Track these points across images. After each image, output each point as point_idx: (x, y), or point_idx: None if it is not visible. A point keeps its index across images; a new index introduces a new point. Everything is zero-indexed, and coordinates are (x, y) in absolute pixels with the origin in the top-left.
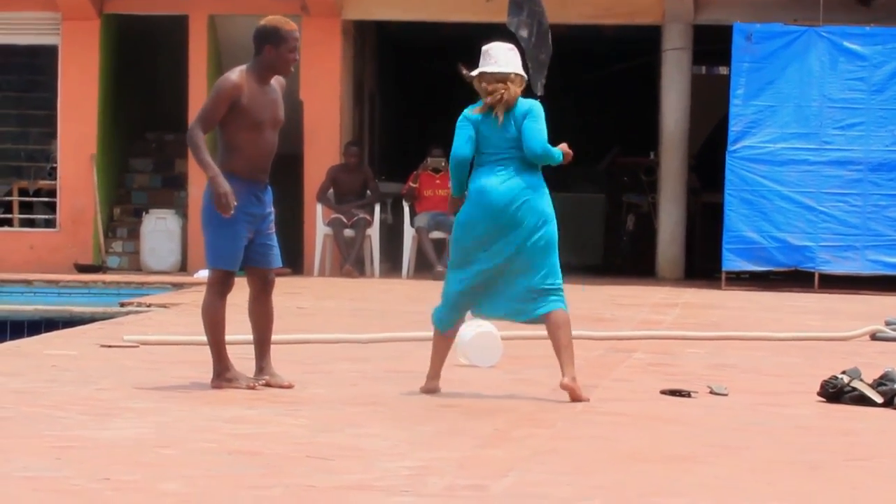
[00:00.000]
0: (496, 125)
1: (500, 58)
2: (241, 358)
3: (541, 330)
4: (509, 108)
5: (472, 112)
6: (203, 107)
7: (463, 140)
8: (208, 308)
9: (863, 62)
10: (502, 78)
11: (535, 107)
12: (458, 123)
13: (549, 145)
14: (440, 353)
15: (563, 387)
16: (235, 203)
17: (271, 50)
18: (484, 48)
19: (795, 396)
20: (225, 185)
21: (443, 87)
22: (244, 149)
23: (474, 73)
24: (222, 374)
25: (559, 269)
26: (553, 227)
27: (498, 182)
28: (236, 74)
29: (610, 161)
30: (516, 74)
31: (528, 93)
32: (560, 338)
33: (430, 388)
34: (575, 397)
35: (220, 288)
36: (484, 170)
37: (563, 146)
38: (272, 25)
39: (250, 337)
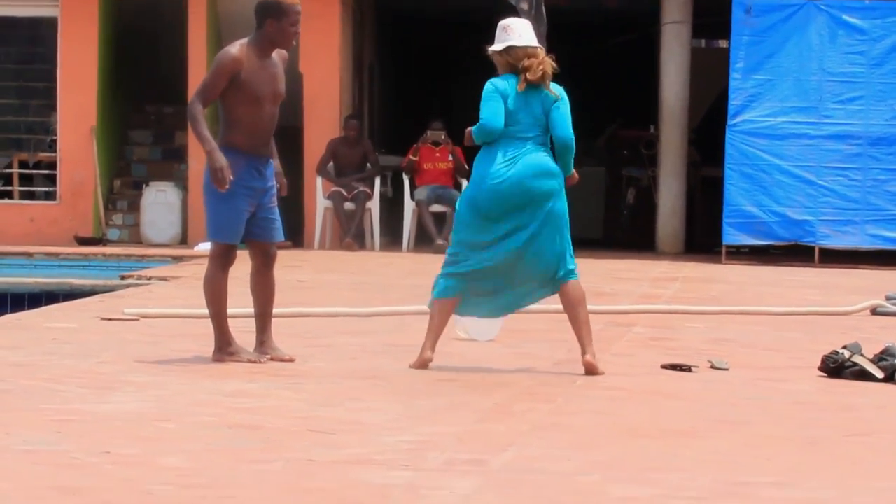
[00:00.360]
0: (526, 104)
1: (524, 33)
2: (242, 331)
3: (541, 304)
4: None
5: (504, 84)
6: (203, 81)
7: (496, 111)
8: (210, 281)
9: (862, 36)
10: (533, 53)
11: (565, 94)
12: (488, 93)
13: (573, 137)
14: (440, 323)
15: (586, 364)
16: (231, 178)
17: (273, 23)
18: (502, 23)
19: (795, 371)
20: (221, 160)
21: (443, 60)
22: (244, 122)
23: (498, 47)
24: (223, 347)
25: (572, 251)
26: (566, 211)
27: (517, 162)
28: (236, 48)
29: (610, 135)
30: (541, 49)
31: None
32: (578, 314)
33: (425, 360)
34: (593, 372)
35: (221, 261)
36: (503, 146)
37: (575, 176)
38: None
39: (251, 310)
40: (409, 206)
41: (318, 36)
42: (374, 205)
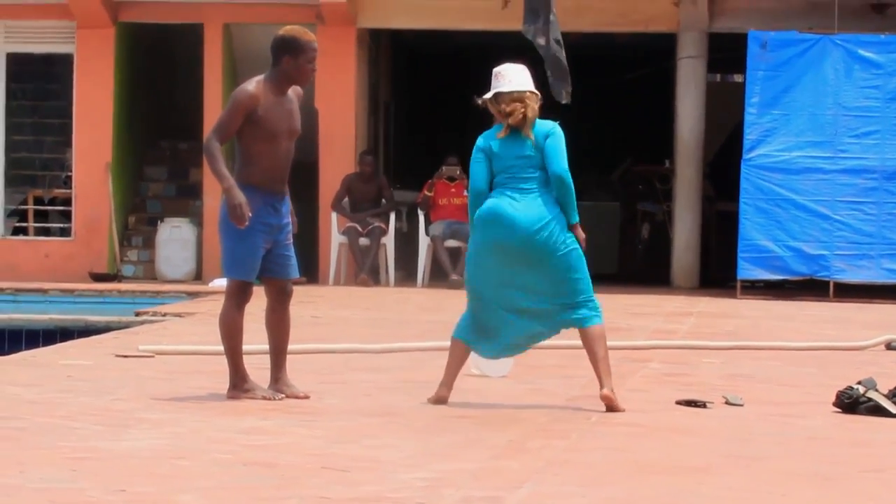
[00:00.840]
0: (514, 146)
1: (514, 78)
2: (256, 368)
3: (554, 339)
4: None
5: (485, 139)
6: (220, 118)
7: (479, 174)
8: (225, 318)
9: (878, 70)
10: (518, 97)
11: (557, 129)
12: (472, 157)
13: (569, 171)
14: (458, 361)
15: (603, 398)
16: (250, 214)
17: (290, 60)
18: (495, 70)
19: (810, 407)
20: (239, 197)
21: (457, 96)
22: (261, 159)
23: (488, 95)
24: (239, 384)
25: (590, 283)
26: (575, 242)
27: (517, 207)
28: (253, 85)
29: (625, 169)
30: (531, 92)
31: (551, 101)
32: (597, 350)
33: (441, 397)
34: (612, 408)
35: (237, 298)
36: (501, 193)
37: (581, 234)
38: (291, 36)
39: (266, 347)
40: (423, 242)
41: (333, 72)
42: (388, 240)
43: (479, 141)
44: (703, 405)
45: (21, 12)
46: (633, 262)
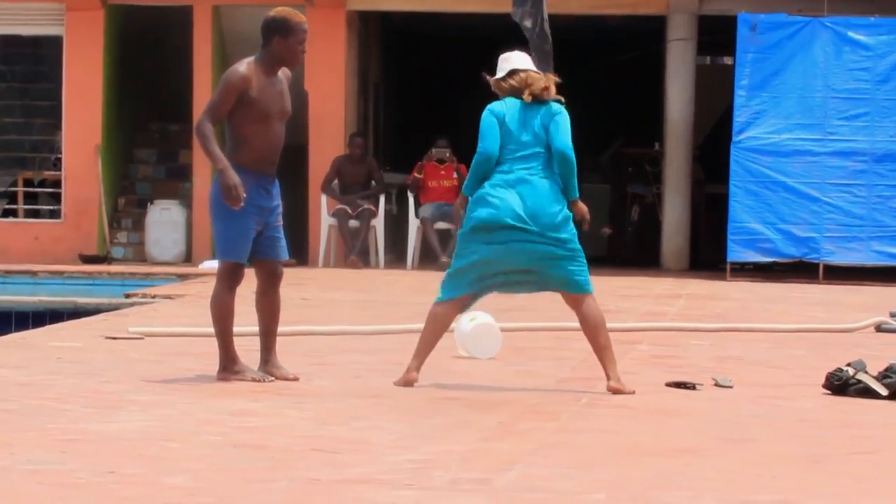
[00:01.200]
0: (524, 122)
1: (524, 61)
2: (246, 349)
3: (543, 321)
4: (543, 101)
5: (500, 107)
6: (211, 99)
7: (492, 137)
8: (216, 299)
9: (867, 52)
10: (535, 74)
11: (564, 110)
12: (484, 119)
13: (572, 149)
14: (435, 334)
15: (610, 389)
16: (244, 195)
17: (280, 42)
18: (503, 56)
19: (800, 389)
20: (234, 178)
21: (447, 78)
22: (252, 141)
23: (500, 74)
24: (229, 366)
25: (584, 256)
26: (574, 233)
27: (521, 183)
28: (244, 66)
29: (614, 152)
30: (545, 74)
31: None
32: (599, 339)
33: (410, 380)
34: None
35: (229, 280)
36: (506, 168)
37: (583, 209)
38: (281, 17)
39: (255, 328)
40: (413, 224)
41: (323, 54)
42: (378, 222)
43: (494, 106)
44: (692, 387)
45: None
46: (623, 244)
